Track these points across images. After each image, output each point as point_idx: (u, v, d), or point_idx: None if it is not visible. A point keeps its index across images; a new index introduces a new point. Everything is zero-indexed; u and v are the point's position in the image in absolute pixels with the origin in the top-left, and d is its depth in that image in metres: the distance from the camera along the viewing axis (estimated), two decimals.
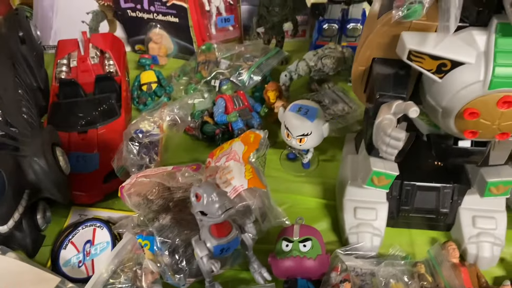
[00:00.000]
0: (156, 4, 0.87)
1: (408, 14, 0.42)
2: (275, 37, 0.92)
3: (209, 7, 0.94)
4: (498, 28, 0.42)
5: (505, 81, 0.42)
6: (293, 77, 0.85)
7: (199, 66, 0.90)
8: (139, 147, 0.69)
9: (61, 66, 0.84)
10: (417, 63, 0.44)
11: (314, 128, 0.69)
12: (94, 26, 0.95)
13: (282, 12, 0.86)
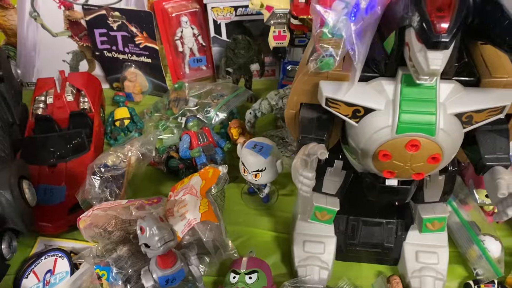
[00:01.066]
0: (130, 46, 0.93)
1: (321, 66, 0.46)
2: (244, 77, 0.97)
3: (182, 48, 1.00)
4: (403, 79, 0.46)
5: (411, 127, 0.45)
6: (257, 114, 0.89)
7: (170, 103, 0.94)
8: (100, 180, 0.73)
9: (39, 102, 0.89)
10: (334, 109, 0.48)
11: (268, 164, 0.73)
12: (74, 65, 1.01)
13: (248, 54, 0.91)
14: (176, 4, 0.97)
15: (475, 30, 0.45)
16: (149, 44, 0.91)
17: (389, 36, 0.46)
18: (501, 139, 0.50)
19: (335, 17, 0.45)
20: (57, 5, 0.90)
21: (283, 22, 0.86)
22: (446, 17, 0.40)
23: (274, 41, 0.88)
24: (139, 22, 0.88)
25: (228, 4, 0.92)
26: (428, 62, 0.41)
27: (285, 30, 0.87)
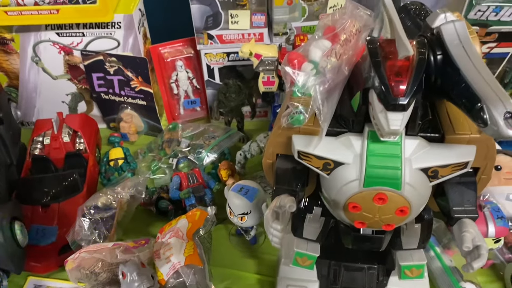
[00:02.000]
0: (126, 89, 0.96)
1: (292, 122, 0.49)
2: (235, 118, 1.00)
3: (177, 91, 1.04)
4: (369, 135, 0.48)
5: (377, 181, 0.47)
6: (247, 156, 0.91)
7: (163, 144, 0.97)
8: (89, 222, 0.75)
9: (36, 143, 0.92)
10: (306, 162, 0.51)
11: (253, 207, 0.75)
12: (73, 106, 1.05)
13: (238, 98, 0.94)
14: (172, 50, 1.01)
15: (437, 88, 0.47)
16: (144, 87, 0.95)
17: (356, 95, 0.49)
18: (469, 192, 0.52)
19: (304, 77, 0.48)
20: (58, 51, 0.95)
21: (272, 68, 0.89)
22: (403, 82, 0.42)
23: (263, 86, 0.91)
24: (135, 68, 0.92)
25: (220, 51, 0.96)
26: (388, 122, 0.43)
27: (273, 76, 0.90)
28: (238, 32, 0.94)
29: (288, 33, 0.96)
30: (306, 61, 0.49)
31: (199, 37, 0.94)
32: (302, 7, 0.92)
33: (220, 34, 0.94)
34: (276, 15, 0.93)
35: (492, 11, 0.93)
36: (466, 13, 0.95)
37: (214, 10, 0.90)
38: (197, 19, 0.91)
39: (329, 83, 0.48)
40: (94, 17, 0.87)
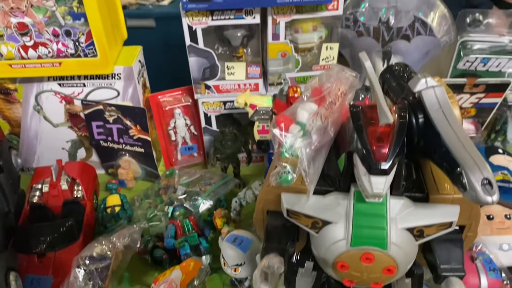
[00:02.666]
0: (124, 137, 0.99)
1: (280, 181, 0.50)
2: (232, 164, 1.01)
3: (175, 137, 1.06)
4: (355, 195, 0.50)
5: (363, 241, 0.48)
6: (242, 203, 0.92)
7: (160, 191, 0.99)
8: (84, 273, 0.75)
9: (35, 191, 0.94)
10: (295, 219, 0.52)
11: (247, 258, 0.75)
12: (73, 152, 1.07)
13: (235, 145, 0.97)
14: (171, 98, 1.04)
15: (420, 149, 0.49)
16: (142, 136, 0.97)
17: (342, 156, 0.51)
18: (456, 250, 0.53)
19: (291, 139, 0.50)
20: (59, 100, 0.97)
21: (266, 118, 0.91)
22: (385, 147, 0.44)
23: (258, 135, 0.93)
24: (133, 117, 0.95)
25: (217, 100, 0.99)
26: (371, 186, 0.44)
27: (268, 125, 0.92)
28: (234, 82, 0.97)
29: (283, 83, 0.99)
30: (293, 123, 0.51)
31: (196, 87, 0.97)
32: (296, 59, 0.96)
33: (217, 85, 0.97)
34: (271, 66, 0.96)
35: (480, 62, 0.97)
36: (455, 63, 0.99)
37: (211, 62, 0.94)
38: (194, 71, 0.95)
39: (315, 145, 0.50)
40: (95, 69, 0.90)
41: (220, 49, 0.97)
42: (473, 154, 0.43)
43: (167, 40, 1.61)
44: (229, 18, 0.87)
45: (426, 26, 0.88)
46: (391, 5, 0.94)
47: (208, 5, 0.83)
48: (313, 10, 0.89)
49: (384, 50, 0.98)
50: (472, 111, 0.95)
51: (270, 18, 0.89)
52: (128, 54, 0.97)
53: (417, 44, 0.93)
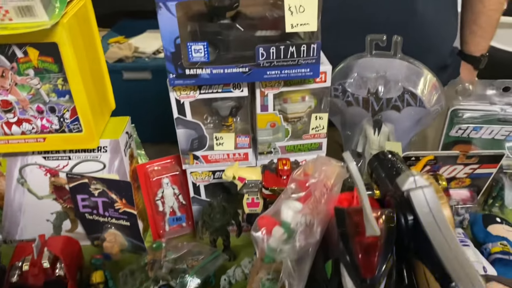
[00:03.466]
0: (110, 210, 0.96)
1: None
2: (221, 237, 0.98)
3: (162, 208, 1.03)
4: None
5: None
6: (232, 281, 0.88)
7: (146, 266, 0.94)
8: None
9: (15, 269, 0.89)
10: None
11: None
12: (57, 224, 1.03)
13: (223, 218, 0.93)
14: (159, 167, 1.02)
15: (411, 251, 0.46)
16: (127, 209, 0.94)
17: (329, 261, 0.48)
18: None
19: (275, 243, 0.47)
20: (44, 173, 0.95)
21: (255, 190, 0.89)
22: (372, 260, 0.41)
23: (248, 208, 0.90)
24: (119, 190, 0.92)
25: (206, 169, 0.97)
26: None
27: (258, 197, 0.90)
28: (223, 152, 0.95)
29: (273, 152, 0.97)
30: (277, 224, 0.48)
31: (184, 157, 0.95)
32: (285, 128, 0.94)
33: (205, 155, 0.95)
34: (260, 136, 0.95)
35: (473, 130, 0.95)
36: (447, 131, 0.97)
37: (199, 134, 0.92)
38: (182, 142, 0.93)
39: (300, 247, 0.47)
40: (80, 144, 0.88)
41: (209, 119, 0.95)
42: (466, 268, 0.40)
43: (163, 92, 1.61)
44: (217, 91, 0.86)
45: (415, 98, 0.88)
46: (380, 75, 0.94)
47: (195, 81, 0.82)
48: (300, 83, 0.88)
49: (375, 119, 0.97)
50: (467, 181, 0.93)
51: (258, 91, 0.88)
52: (115, 126, 0.95)
53: (408, 113, 0.92)
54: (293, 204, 0.49)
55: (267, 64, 0.81)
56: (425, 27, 1.17)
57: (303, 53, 0.80)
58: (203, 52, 0.79)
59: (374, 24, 1.13)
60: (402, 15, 1.14)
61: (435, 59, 1.22)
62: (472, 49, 1.25)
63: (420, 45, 1.18)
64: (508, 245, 0.94)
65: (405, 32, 1.15)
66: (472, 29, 1.22)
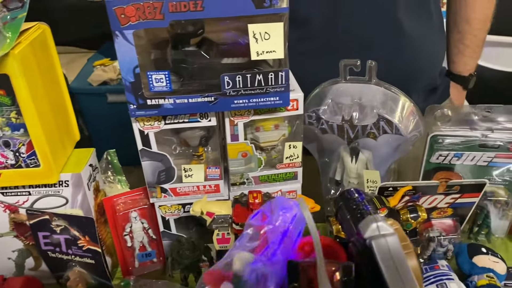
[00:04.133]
0: (73, 248, 0.90)
1: None
2: (192, 273, 0.92)
3: (131, 243, 0.97)
4: None
5: None
6: None
7: None
8: None
9: None
10: None
11: None
12: (20, 262, 0.97)
13: (193, 254, 0.88)
14: (127, 200, 0.97)
15: None
16: (91, 247, 0.89)
17: None
18: None
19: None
20: (3, 209, 0.90)
21: (226, 226, 0.84)
22: None
23: (217, 244, 0.85)
24: (81, 227, 0.87)
25: (175, 202, 0.92)
26: None
27: (228, 233, 0.85)
28: (193, 184, 0.90)
29: (246, 183, 0.93)
30: (226, 279, 0.43)
31: (152, 191, 0.90)
32: (258, 158, 0.90)
33: (174, 187, 0.90)
34: (232, 167, 0.90)
35: (454, 156, 0.92)
36: (428, 157, 0.94)
37: (167, 165, 0.87)
38: (149, 174, 0.88)
39: None
40: (38, 180, 0.83)
41: (178, 150, 0.91)
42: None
43: None
44: (183, 121, 0.82)
45: (391, 125, 0.84)
46: (355, 101, 0.90)
47: (158, 111, 0.78)
48: (271, 111, 0.84)
49: (351, 146, 0.93)
50: (449, 210, 0.89)
51: (228, 120, 0.84)
52: (78, 158, 0.90)
53: (385, 140, 0.88)
54: (245, 256, 0.44)
55: (234, 93, 0.77)
56: (413, 49, 1.14)
57: (271, 81, 0.76)
58: (164, 81, 0.75)
59: (365, 46, 1.09)
60: (390, 37, 1.11)
61: (425, 80, 1.20)
62: (461, 68, 1.25)
63: (410, 67, 1.15)
64: (495, 277, 0.89)
65: (395, 55, 1.12)
66: (459, 48, 1.22)
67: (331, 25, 1.09)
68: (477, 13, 1.16)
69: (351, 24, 1.09)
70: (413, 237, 0.83)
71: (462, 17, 1.18)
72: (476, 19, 1.17)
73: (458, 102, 1.27)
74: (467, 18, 1.17)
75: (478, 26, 1.17)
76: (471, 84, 1.25)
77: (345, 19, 1.09)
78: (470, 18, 1.17)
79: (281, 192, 0.95)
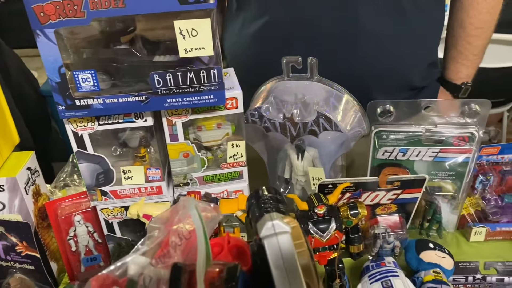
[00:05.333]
0: (11, 254, 0.88)
1: None
2: None
3: (75, 247, 0.95)
4: None
5: None
6: None
7: None
8: None
9: None
10: None
11: None
12: None
13: None
14: (70, 203, 0.95)
15: None
16: (30, 252, 0.87)
17: None
18: None
19: None
20: None
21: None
22: None
23: None
24: (18, 232, 0.85)
25: (117, 205, 0.90)
26: None
27: None
28: (134, 186, 0.88)
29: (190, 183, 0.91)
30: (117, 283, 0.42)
31: (91, 194, 0.88)
32: (201, 158, 0.88)
33: (114, 190, 0.88)
34: (174, 167, 0.88)
35: (399, 152, 0.91)
36: (373, 154, 0.93)
37: (105, 168, 0.85)
38: (87, 177, 0.86)
39: None
40: None
41: (118, 151, 0.89)
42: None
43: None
44: (117, 122, 0.80)
45: (330, 121, 0.83)
46: (298, 98, 0.89)
47: (88, 112, 0.76)
48: (210, 110, 0.82)
49: (296, 144, 0.92)
50: (393, 206, 0.88)
51: (165, 120, 0.82)
52: (16, 162, 0.88)
53: (326, 137, 0.87)
54: (138, 260, 0.43)
55: (166, 92, 0.75)
56: (378, 47, 1.08)
57: (203, 79, 0.75)
58: (91, 81, 0.73)
59: (323, 41, 1.06)
60: (346, 32, 1.06)
61: (397, 80, 1.14)
62: (452, 75, 1.18)
63: (375, 64, 1.10)
64: (442, 272, 0.89)
65: (353, 52, 1.08)
66: (452, 54, 1.16)
67: (291, 18, 1.07)
68: (472, 18, 1.08)
69: (313, 19, 1.06)
70: (355, 234, 0.82)
71: (457, 21, 1.12)
72: (471, 25, 1.09)
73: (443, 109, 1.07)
74: (461, 23, 1.10)
75: (474, 32, 1.09)
76: (463, 94, 1.17)
77: (302, 12, 1.06)
78: (465, 22, 1.10)
79: (227, 192, 0.94)
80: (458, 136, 0.88)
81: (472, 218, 1.03)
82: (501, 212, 1.00)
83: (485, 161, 0.95)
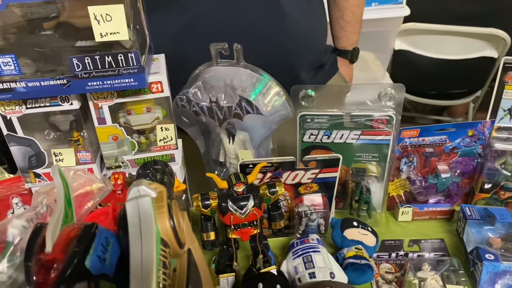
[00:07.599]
0: None
1: None
2: None
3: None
4: None
5: None
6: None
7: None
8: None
9: None
10: None
11: None
12: None
13: None
14: (8, 186, 0.97)
15: None
16: None
17: None
18: None
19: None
20: None
21: None
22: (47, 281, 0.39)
23: None
24: None
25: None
26: None
27: None
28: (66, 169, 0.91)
29: (122, 166, 0.94)
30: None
31: (25, 176, 0.91)
32: (131, 141, 0.92)
33: (47, 172, 0.91)
34: (104, 150, 0.92)
35: (324, 135, 0.95)
36: (301, 136, 0.97)
37: (36, 150, 0.88)
38: (19, 159, 0.89)
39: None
40: None
41: (52, 135, 0.92)
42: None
43: None
44: (44, 105, 0.83)
45: (251, 105, 0.87)
46: (227, 83, 0.92)
47: (12, 95, 0.79)
48: (135, 94, 0.86)
49: (226, 127, 0.95)
50: (314, 186, 0.92)
51: (91, 103, 0.85)
52: None
53: (250, 120, 0.91)
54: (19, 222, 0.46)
55: (86, 75, 0.78)
56: (297, 28, 1.14)
57: (121, 62, 0.78)
58: (12, 64, 0.76)
59: (246, 30, 1.09)
60: (271, 18, 1.11)
61: (312, 57, 1.22)
62: (345, 43, 1.34)
63: (295, 46, 1.16)
64: (364, 249, 0.93)
65: (278, 35, 1.13)
66: (341, 24, 1.31)
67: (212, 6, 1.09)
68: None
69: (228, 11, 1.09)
70: (276, 211, 0.86)
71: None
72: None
73: (347, 75, 1.35)
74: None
75: (354, 2, 1.27)
76: (356, 57, 1.34)
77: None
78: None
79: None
80: (377, 119, 0.92)
81: (401, 199, 1.08)
82: (425, 192, 1.05)
83: (408, 143, 1.00)
